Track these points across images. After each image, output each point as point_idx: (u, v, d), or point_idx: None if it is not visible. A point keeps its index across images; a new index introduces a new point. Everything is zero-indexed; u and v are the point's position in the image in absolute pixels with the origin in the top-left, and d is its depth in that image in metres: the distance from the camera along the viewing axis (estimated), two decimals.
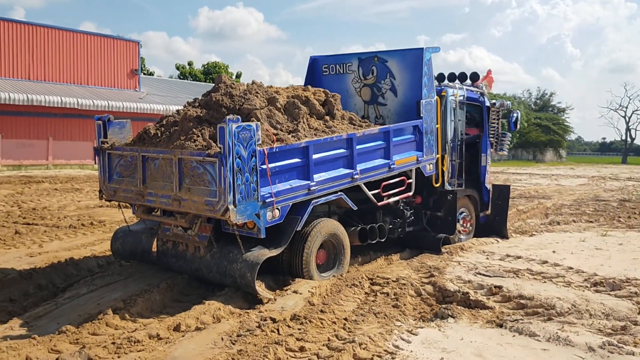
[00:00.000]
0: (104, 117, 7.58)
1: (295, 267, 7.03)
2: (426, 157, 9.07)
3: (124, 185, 7.21)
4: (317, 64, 10.15)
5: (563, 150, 71.08)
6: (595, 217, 14.42)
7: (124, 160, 7.23)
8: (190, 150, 6.27)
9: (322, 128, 7.53)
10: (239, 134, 5.92)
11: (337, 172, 7.46)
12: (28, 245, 9.41)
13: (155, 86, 36.29)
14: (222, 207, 5.95)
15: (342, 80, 9.86)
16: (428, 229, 9.70)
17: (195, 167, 6.24)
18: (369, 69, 9.51)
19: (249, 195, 6.10)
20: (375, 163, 8.12)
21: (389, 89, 9.37)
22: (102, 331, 5.43)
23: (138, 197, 6.96)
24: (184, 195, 6.36)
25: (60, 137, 27.37)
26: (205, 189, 6.18)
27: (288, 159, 6.72)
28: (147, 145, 6.98)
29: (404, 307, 6.23)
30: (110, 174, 7.43)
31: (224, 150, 5.85)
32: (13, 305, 6.43)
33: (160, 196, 6.68)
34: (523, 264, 8.33)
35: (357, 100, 9.74)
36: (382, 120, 9.42)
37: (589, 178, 31.19)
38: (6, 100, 24.74)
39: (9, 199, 14.91)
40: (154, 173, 6.79)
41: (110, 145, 7.38)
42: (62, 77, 29.41)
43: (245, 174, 6.03)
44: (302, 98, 7.84)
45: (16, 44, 27.65)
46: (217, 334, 5.28)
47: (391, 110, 9.40)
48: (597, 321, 5.82)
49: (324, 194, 7.27)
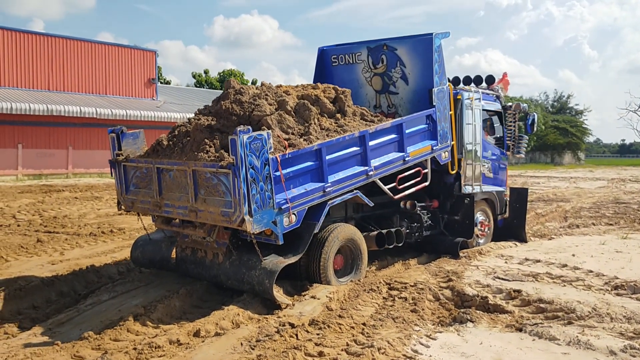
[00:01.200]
0: (117, 129, 7.64)
1: (313, 272, 7.05)
2: (441, 145, 8.93)
3: (141, 196, 7.28)
4: (326, 55, 10.02)
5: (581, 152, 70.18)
6: (615, 219, 14.24)
7: (139, 172, 7.29)
8: (203, 162, 6.28)
9: (333, 128, 7.48)
10: (251, 144, 5.93)
11: (352, 170, 7.42)
12: (50, 253, 9.56)
13: (172, 95, 36.62)
14: (238, 218, 5.97)
15: (352, 70, 9.72)
16: (446, 233, 9.66)
17: (209, 178, 6.27)
18: (379, 57, 9.37)
19: (264, 204, 6.11)
20: (389, 157, 8.02)
21: (399, 77, 9.24)
22: (123, 337, 5.50)
23: (155, 208, 7.02)
24: (200, 206, 6.39)
25: (79, 146, 27.74)
26: (220, 200, 6.19)
27: (301, 163, 6.71)
28: (160, 157, 7.01)
29: (423, 311, 6.22)
30: (127, 186, 7.50)
31: (237, 162, 5.86)
32: (36, 312, 6.55)
33: (177, 207, 6.72)
34: (542, 268, 8.27)
35: (369, 90, 9.60)
36: (395, 110, 9.32)
37: (609, 180, 30.77)
38: (26, 111, 25.14)
39: (30, 208, 15.14)
40: (170, 184, 6.83)
41: (125, 158, 7.44)
42: (80, 87, 29.82)
43: (260, 183, 6.04)
44: (312, 97, 7.79)
45: (36, 56, 28.10)
46: (237, 339, 5.33)
47: (403, 98, 9.26)
48: (618, 325, 5.76)
49: (340, 194, 7.25)
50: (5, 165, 25.45)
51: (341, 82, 9.45)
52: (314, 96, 7.83)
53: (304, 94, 7.90)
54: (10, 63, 27.17)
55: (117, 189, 7.64)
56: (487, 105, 10.33)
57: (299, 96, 7.84)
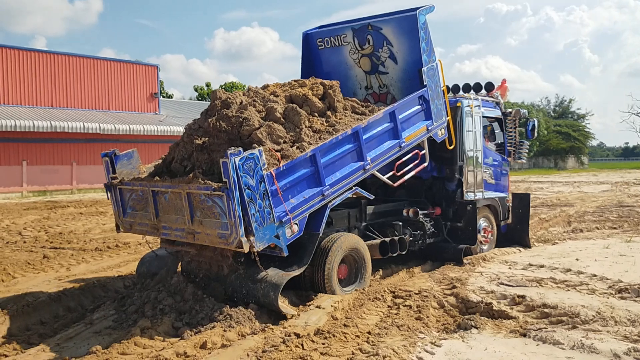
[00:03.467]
0: (110, 152, 7.58)
1: (318, 282, 7.09)
2: (436, 123, 8.79)
3: (138, 218, 7.23)
4: (311, 39, 9.78)
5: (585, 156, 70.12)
6: (619, 223, 14.24)
7: (135, 195, 7.24)
8: (197, 185, 6.23)
9: (325, 128, 7.34)
10: (244, 165, 5.89)
11: (349, 168, 7.34)
12: (56, 269, 9.62)
13: (174, 108, 36.80)
14: (235, 240, 5.94)
15: (339, 53, 9.52)
16: (449, 240, 9.69)
17: (204, 200, 6.22)
18: (365, 38, 9.15)
19: (265, 220, 6.10)
20: (385, 147, 7.90)
21: (388, 57, 9.05)
22: (130, 350, 5.54)
23: (153, 231, 6.99)
24: (197, 228, 6.36)
25: (83, 162, 27.90)
26: (216, 222, 6.15)
27: (297, 172, 6.65)
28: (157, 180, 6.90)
29: (427, 319, 6.25)
30: (124, 208, 7.45)
31: (229, 184, 5.82)
32: (44, 327, 6.59)
33: (174, 229, 6.68)
34: (546, 273, 8.29)
35: (358, 72, 9.39)
36: (387, 90, 9.18)
37: (612, 184, 30.74)
38: (30, 128, 25.33)
39: (35, 224, 15.23)
40: (166, 206, 6.78)
41: (120, 181, 7.38)
42: (84, 104, 30.03)
43: (258, 201, 6.01)
44: (301, 97, 7.62)
45: (39, 73, 28.34)
46: (243, 350, 5.36)
47: (394, 78, 9.08)
48: (622, 328, 5.78)
49: (339, 194, 7.20)
50: (11, 183, 25.61)
51: (329, 65, 9.33)
52: (302, 95, 7.65)
53: (292, 95, 7.73)
54: (13, 81, 27.41)
55: (115, 212, 7.58)
56: (487, 112, 10.40)
57: (287, 97, 7.69)
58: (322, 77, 9.06)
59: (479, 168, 9.99)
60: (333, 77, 9.24)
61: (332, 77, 9.23)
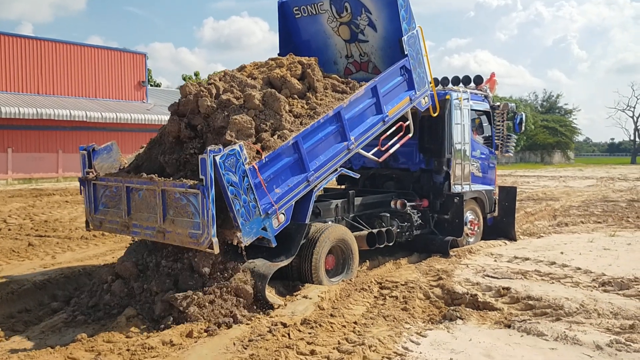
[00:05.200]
0: (89, 147, 7.41)
1: (305, 272, 7.10)
2: (419, 92, 8.62)
3: (109, 216, 7.06)
4: (287, 8, 9.40)
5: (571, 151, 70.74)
6: (604, 217, 14.41)
7: (109, 191, 7.07)
8: (173, 182, 6.14)
9: (306, 112, 7.16)
10: (225, 163, 5.77)
11: (332, 150, 7.21)
12: (41, 257, 9.54)
13: (162, 97, 36.51)
14: (206, 240, 5.81)
15: (316, 21, 9.17)
16: (436, 232, 9.75)
17: (178, 199, 6.10)
18: (342, 5, 8.84)
19: (250, 215, 6.04)
20: (368, 123, 7.76)
21: (367, 24, 8.78)
22: (116, 339, 5.52)
23: (123, 229, 6.80)
24: (168, 227, 6.20)
25: (69, 149, 27.60)
26: (188, 221, 6.02)
27: (280, 161, 6.52)
28: (132, 176, 6.81)
29: (413, 310, 6.30)
30: (96, 205, 7.27)
31: (206, 182, 5.70)
32: (29, 315, 6.56)
33: (145, 228, 6.51)
34: (531, 266, 8.37)
35: (337, 40, 9.08)
36: (368, 58, 8.93)
37: (598, 179, 31.04)
38: (16, 115, 25.03)
39: (21, 212, 15.08)
40: (139, 204, 6.62)
41: (95, 176, 7.23)
42: (70, 91, 29.70)
43: (242, 197, 5.93)
44: (279, 79, 7.44)
45: (25, 59, 27.96)
46: (229, 339, 5.37)
47: (374, 46, 8.83)
48: (605, 320, 5.86)
49: (324, 177, 7.11)
50: None
51: (307, 34, 9.09)
52: (281, 77, 7.46)
53: (270, 77, 7.53)
54: None
55: (86, 208, 7.40)
56: (475, 105, 10.43)
57: (265, 79, 7.51)
58: (301, 46, 8.78)
59: (467, 161, 10.03)
60: (312, 45, 9.00)
61: (311, 46, 8.99)
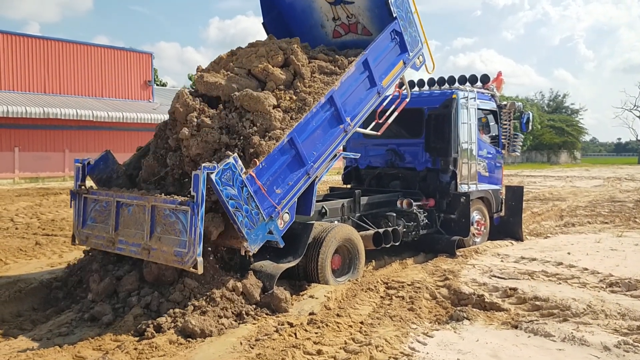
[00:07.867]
0: (84, 160, 7.35)
1: (311, 272, 7.10)
2: (412, 53, 8.23)
3: (96, 231, 6.93)
4: None
5: (577, 151, 70.42)
6: (611, 218, 14.34)
7: (99, 205, 6.98)
8: (163, 197, 6.07)
9: (294, 105, 6.89)
10: (222, 178, 5.67)
11: (329, 136, 6.99)
12: (48, 256, 9.58)
13: (168, 97, 36.43)
14: (190, 259, 5.69)
15: None
16: (442, 232, 9.73)
17: (167, 216, 6.01)
18: None
19: (254, 222, 5.98)
20: (363, 99, 7.47)
21: None
22: (123, 337, 5.54)
23: (109, 244, 6.66)
24: (153, 244, 6.09)
25: (76, 149, 27.71)
26: (175, 239, 5.91)
27: (277, 162, 6.37)
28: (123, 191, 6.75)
29: (420, 310, 6.29)
30: (84, 219, 7.16)
31: (197, 198, 5.59)
32: (36, 313, 6.58)
33: (130, 244, 6.38)
34: (538, 266, 8.34)
35: (322, 3, 8.58)
36: (356, 19, 8.46)
37: (605, 179, 30.90)
38: (23, 114, 25.14)
39: (28, 211, 15.16)
40: (127, 220, 6.53)
41: (87, 189, 7.15)
42: (77, 90, 29.80)
43: (244, 207, 5.85)
44: (261, 72, 7.17)
45: (32, 59, 28.07)
46: (236, 338, 5.38)
47: (361, 6, 8.26)
48: (612, 321, 5.84)
49: (325, 167, 6.96)
50: (2, 169, 25.46)
51: None
52: (263, 70, 7.17)
53: (254, 72, 7.23)
54: (6, 66, 27.15)
55: (74, 222, 7.28)
56: (482, 104, 10.41)
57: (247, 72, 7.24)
58: (285, 11, 8.60)
59: (473, 160, 10.01)
60: (297, 7, 8.72)
61: (295, 8, 8.74)
